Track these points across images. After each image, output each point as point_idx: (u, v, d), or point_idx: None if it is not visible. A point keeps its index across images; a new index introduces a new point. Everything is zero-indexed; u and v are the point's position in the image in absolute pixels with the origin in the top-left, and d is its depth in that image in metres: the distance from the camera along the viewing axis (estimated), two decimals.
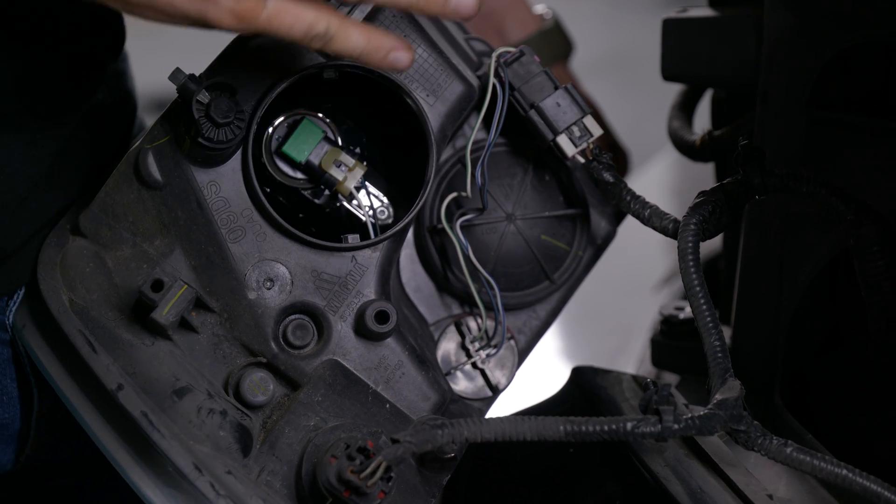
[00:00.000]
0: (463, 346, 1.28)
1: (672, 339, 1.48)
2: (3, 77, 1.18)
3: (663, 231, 1.20)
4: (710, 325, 1.13)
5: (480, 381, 1.29)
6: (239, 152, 1.17)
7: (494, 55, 1.24)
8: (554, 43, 1.58)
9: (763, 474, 1.21)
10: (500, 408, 1.33)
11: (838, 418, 1.35)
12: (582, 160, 1.24)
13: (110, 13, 1.32)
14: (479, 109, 1.25)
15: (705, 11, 1.43)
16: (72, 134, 1.26)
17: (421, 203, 1.20)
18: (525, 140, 1.27)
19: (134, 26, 1.30)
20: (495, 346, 1.28)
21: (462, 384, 1.28)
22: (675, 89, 1.56)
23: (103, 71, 1.30)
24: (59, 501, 1.46)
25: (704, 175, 1.58)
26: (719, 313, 1.51)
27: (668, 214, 1.20)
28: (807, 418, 1.30)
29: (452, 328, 1.29)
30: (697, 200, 1.18)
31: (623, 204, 1.22)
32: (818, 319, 1.38)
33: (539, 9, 1.59)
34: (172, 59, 1.22)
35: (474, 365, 1.28)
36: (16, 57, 1.18)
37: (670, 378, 1.48)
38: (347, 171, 1.19)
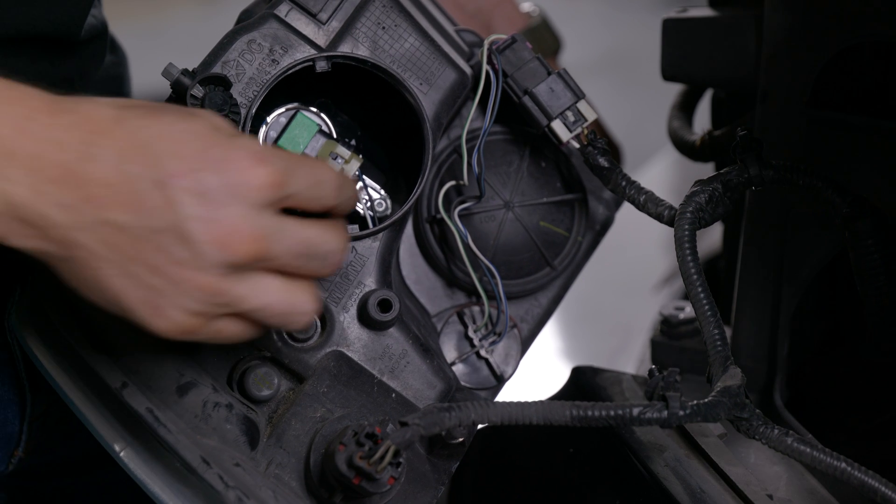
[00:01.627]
0: (466, 336, 1.28)
1: (672, 339, 1.48)
2: None
3: (658, 217, 1.20)
4: (709, 313, 1.13)
5: (485, 370, 1.29)
6: None
7: (486, 42, 1.24)
8: (542, 40, 1.58)
9: (763, 474, 1.21)
10: None
11: (838, 418, 1.35)
12: (577, 145, 1.23)
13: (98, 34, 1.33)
14: (473, 98, 1.25)
15: (705, 11, 1.44)
16: None
17: (419, 191, 1.20)
18: (521, 127, 1.27)
19: (133, 26, 1.29)
20: (499, 335, 1.28)
21: (467, 374, 1.28)
22: (675, 89, 1.56)
23: (88, 76, 1.31)
24: (56, 501, 1.45)
25: (704, 175, 1.58)
26: (719, 313, 1.51)
27: (663, 201, 1.20)
28: (807, 418, 1.30)
29: (455, 318, 1.29)
30: (694, 189, 1.18)
31: (618, 189, 1.22)
32: (818, 319, 1.38)
33: (526, 6, 1.59)
34: (172, 59, 1.22)
35: (478, 354, 1.28)
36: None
37: None
38: (344, 163, 1.19)
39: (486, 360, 1.28)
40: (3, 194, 0.96)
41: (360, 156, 1.21)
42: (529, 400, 1.08)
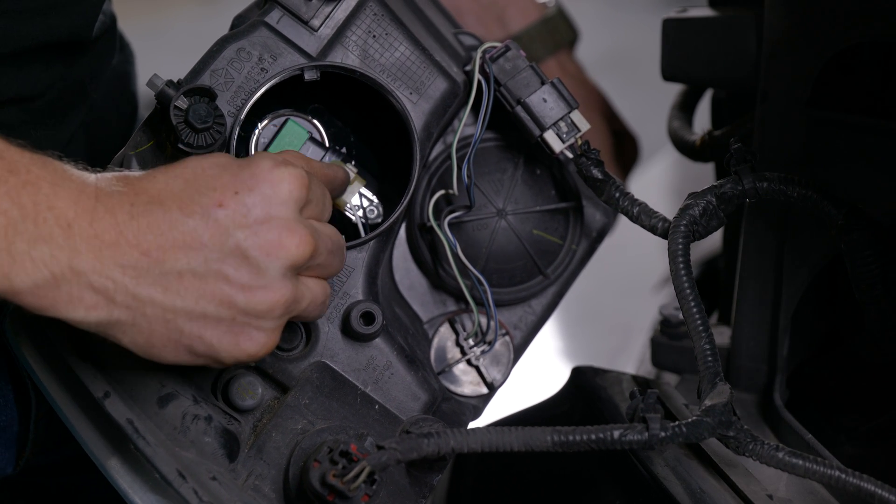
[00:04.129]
0: (457, 344, 1.28)
1: (672, 339, 1.48)
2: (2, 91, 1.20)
3: (652, 230, 1.20)
4: (701, 328, 1.13)
5: (476, 378, 1.28)
6: None
7: (479, 51, 1.23)
8: (557, 31, 1.57)
9: (763, 474, 1.21)
10: (500, 408, 1.33)
11: (838, 418, 1.35)
12: (570, 156, 1.23)
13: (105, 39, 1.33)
14: (467, 105, 1.25)
15: (705, 11, 1.43)
16: (70, 139, 1.27)
17: (406, 202, 1.20)
18: (517, 134, 1.27)
19: (133, 26, 1.29)
20: (489, 343, 1.28)
21: (457, 382, 1.28)
22: (675, 89, 1.56)
23: (99, 76, 1.31)
24: (60, 498, 1.46)
25: (704, 175, 1.58)
26: (720, 313, 1.51)
27: (657, 213, 1.20)
28: (807, 418, 1.30)
29: (446, 325, 1.28)
30: (688, 202, 1.18)
31: (612, 201, 1.22)
32: (818, 319, 1.38)
33: None
34: (172, 59, 1.22)
35: (469, 362, 1.28)
36: (16, 75, 1.20)
37: (670, 378, 1.48)
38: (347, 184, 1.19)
39: (477, 368, 1.28)
40: (70, 263, 0.99)
41: (353, 162, 1.20)
42: (509, 426, 1.09)
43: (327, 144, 1.22)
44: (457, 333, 1.28)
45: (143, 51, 1.54)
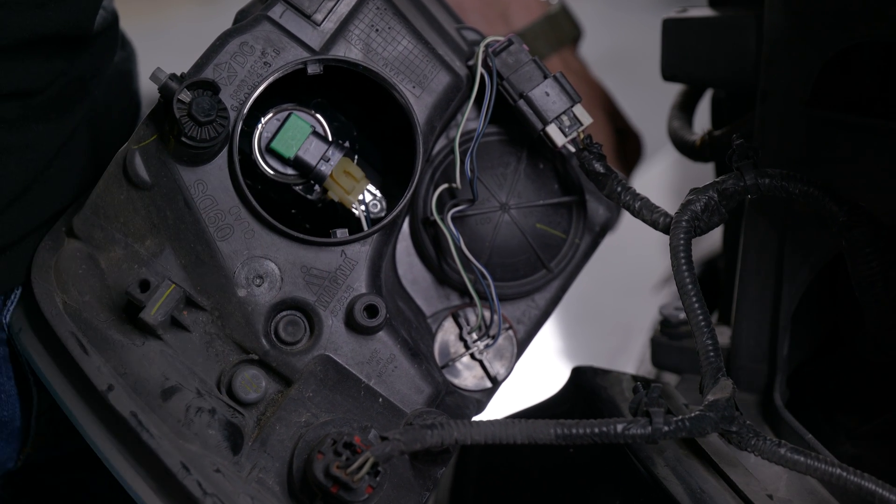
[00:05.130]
0: (461, 338, 1.28)
1: (672, 339, 1.48)
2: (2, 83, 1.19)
3: (653, 224, 1.20)
4: (703, 323, 1.13)
5: (479, 372, 1.29)
6: (225, 150, 1.17)
7: (482, 45, 1.23)
8: (560, 28, 1.57)
9: (763, 474, 1.21)
10: (500, 408, 1.33)
11: (838, 418, 1.35)
12: (572, 149, 1.23)
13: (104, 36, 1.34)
14: (469, 100, 1.25)
15: (705, 11, 1.43)
16: (72, 134, 1.27)
17: (409, 196, 1.20)
18: (519, 128, 1.27)
19: (133, 26, 1.29)
20: (493, 337, 1.28)
21: (461, 376, 1.28)
22: (675, 89, 1.56)
23: (101, 73, 1.31)
24: (66, 495, 1.46)
25: (704, 175, 1.58)
26: (720, 313, 1.51)
27: (658, 208, 1.20)
28: (807, 418, 1.30)
29: (450, 320, 1.29)
30: (690, 197, 1.18)
31: (613, 195, 1.22)
32: (818, 319, 1.38)
33: None
34: (173, 58, 1.22)
35: (472, 356, 1.28)
36: (14, 68, 1.19)
37: (670, 378, 1.48)
38: (355, 183, 1.20)
39: (481, 362, 1.28)
40: None
41: (353, 155, 1.20)
42: (513, 419, 1.09)
43: (330, 139, 1.22)
44: (460, 327, 1.28)
45: (145, 50, 1.55)
